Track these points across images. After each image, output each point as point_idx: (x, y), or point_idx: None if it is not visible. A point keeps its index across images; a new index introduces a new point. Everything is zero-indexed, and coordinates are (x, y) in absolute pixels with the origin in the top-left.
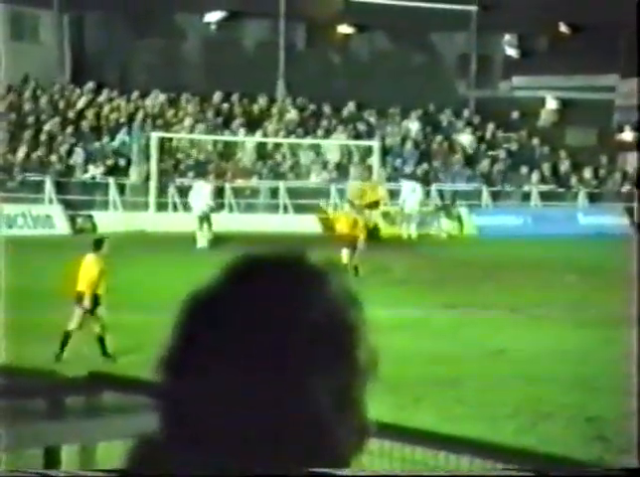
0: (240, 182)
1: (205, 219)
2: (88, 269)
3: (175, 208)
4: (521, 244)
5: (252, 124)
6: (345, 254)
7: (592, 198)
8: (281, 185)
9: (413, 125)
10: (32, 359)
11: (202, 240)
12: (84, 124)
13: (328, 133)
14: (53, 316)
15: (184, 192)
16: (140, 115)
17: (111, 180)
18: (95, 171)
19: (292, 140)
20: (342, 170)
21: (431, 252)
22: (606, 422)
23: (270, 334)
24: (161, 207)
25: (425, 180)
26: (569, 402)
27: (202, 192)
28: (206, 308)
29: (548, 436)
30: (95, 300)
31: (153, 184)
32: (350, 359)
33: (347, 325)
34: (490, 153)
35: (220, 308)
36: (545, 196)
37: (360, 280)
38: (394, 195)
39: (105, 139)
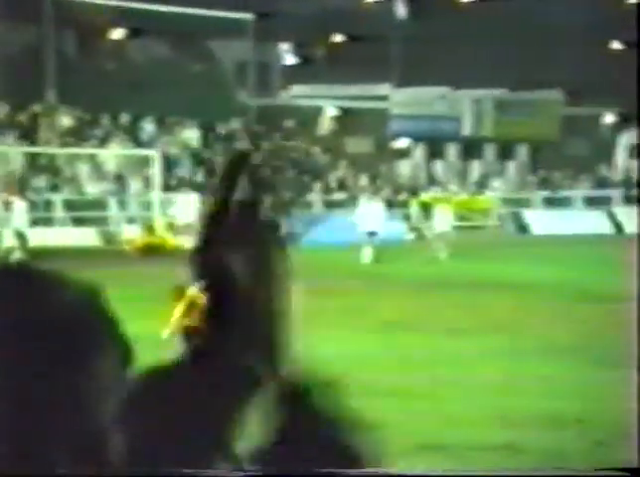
0: (13, 198)
1: (18, 235)
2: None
3: None
4: (304, 252)
5: (24, 134)
6: None
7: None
8: (57, 198)
9: (193, 134)
10: None
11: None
12: None
13: (104, 142)
14: None
15: None
16: None
17: None
18: None
19: (67, 150)
20: (121, 181)
21: None
22: (387, 426)
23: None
24: None
25: (209, 190)
26: (354, 408)
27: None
28: None
29: None
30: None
31: None
32: (96, 361)
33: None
34: (273, 163)
35: None
36: (327, 204)
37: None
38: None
39: None
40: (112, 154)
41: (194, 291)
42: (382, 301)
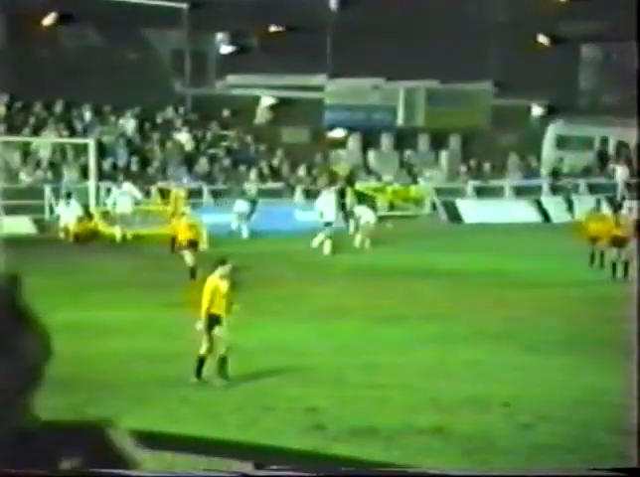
0: None
1: None
2: (206, 289)
3: None
4: (242, 241)
5: None
6: None
7: (308, 194)
8: None
9: (129, 123)
10: None
11: None
12: None
13: (38, 131)
14: None
15: None
16: None
17: None
18: None
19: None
20: (56, 169)
21: (153, 252)
22: (321, 412)
23: None
24: None
25: (144, 179)
26: (289, 395)
27: None
28: None
29: (268, 429)
30: (216, 320)
31: None
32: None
33: None
34: (210, 151)
35: None
36: (264, 193)
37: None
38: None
39: None
40: (46, 142)
41: None
42: (318, 289)
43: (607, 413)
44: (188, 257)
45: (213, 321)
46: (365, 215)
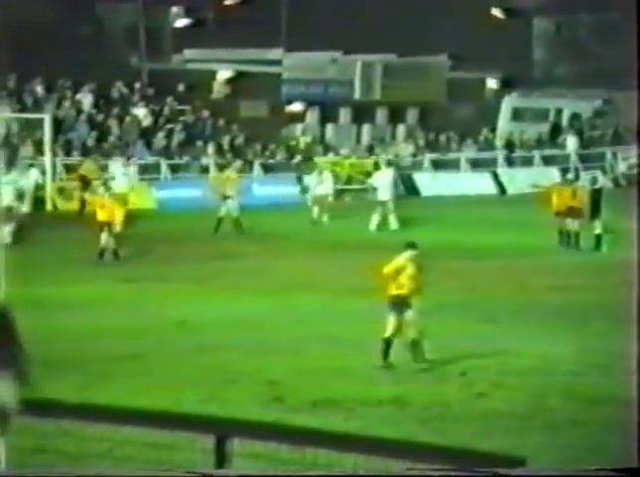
0: None
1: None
2: (394, 271)
3: None
4: (200, 216)
5: None
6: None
7: (266, 169)
8: None
9: (85, 98)
10: None
11: None
12: None
13: None
14: None
15: None
16: None
17: None
18: None
19: None
20: (8, 145)
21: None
22: (281, 384)
23: None
24: None
25: (106, 154)
26: (249, 368)
27: None
28: None
29: (229, 402)
30: (405, 303)
31: None
32: None
33: None
34: (167, 126)
35: None
36: (222, 167)
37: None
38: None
39: None
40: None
41: None
42: (279, 263)
43: (561, 381)
44: (102, 237)
45: (401, 304)
46: (323, 187)
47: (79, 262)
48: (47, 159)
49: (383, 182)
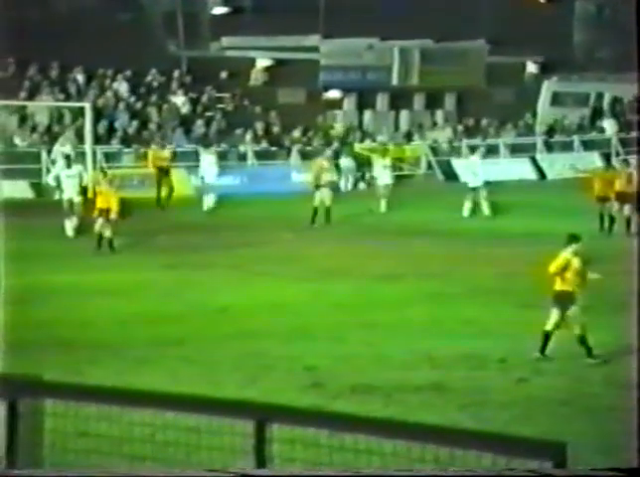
0: None
1: None
2: (559, 265)
3: None
4: (239, 203)
5: None
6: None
7: (305, 156)
8: None
9: (122, 86)
10: None
11: None
12: None
13: (33, 95)
14: None
15: None
16: None
17: None
18: None
19: None
20: (52, 133)
21: (149, 216)
22: (320, 370)
23: None
24: None
25: (143, 141)
26: (288, 354)
27: None
28: None
29: (269, 387)
30: (569, 298)
31: None
32: None
33: None
34: (206, 114)
35: None
36: (259, 155)
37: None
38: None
39: None
40: (42, 106)
41: None
42: (316, 250)
43: (601, 366)
44: (97, 225)
45: (564, 298)
46: (380, 176)
47: (124, 250)
48: (87, 148)
49: (471, 169)
